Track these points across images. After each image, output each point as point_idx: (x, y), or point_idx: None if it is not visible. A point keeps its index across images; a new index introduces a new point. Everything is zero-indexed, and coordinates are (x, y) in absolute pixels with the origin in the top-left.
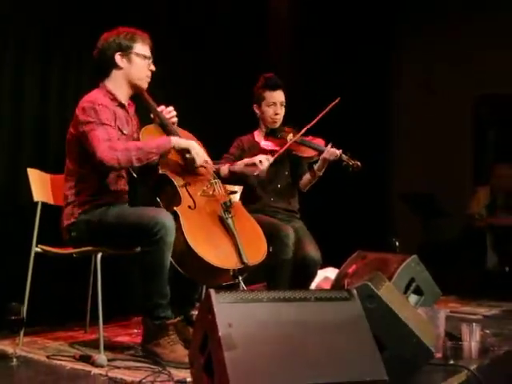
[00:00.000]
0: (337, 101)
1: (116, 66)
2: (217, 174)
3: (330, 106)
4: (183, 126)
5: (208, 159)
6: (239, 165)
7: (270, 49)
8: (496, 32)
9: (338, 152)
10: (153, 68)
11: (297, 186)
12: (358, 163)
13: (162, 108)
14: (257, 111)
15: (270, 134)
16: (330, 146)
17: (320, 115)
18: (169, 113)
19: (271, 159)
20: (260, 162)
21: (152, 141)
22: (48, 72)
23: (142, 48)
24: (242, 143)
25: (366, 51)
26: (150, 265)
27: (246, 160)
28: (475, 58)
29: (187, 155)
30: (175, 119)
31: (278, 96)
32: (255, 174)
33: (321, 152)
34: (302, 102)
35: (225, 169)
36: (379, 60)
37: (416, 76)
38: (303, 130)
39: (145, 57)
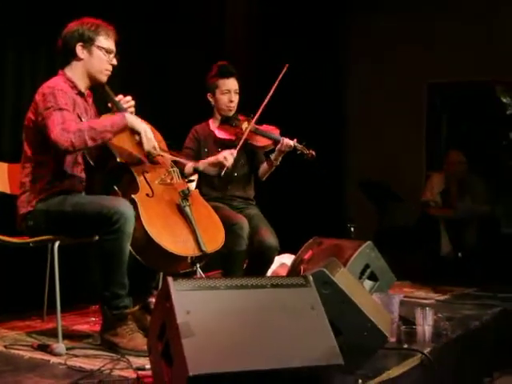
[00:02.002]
0: (285, 69)
1: (76, 57)
2: (181, 170)
3: (280, 76)
4: (140, 116)
5: (156, 146)
6: (203, 163)
7: (225, 37)
8: (449, 20)
9: (292, 143)
10: (114, 62)
11: (254, 175)
12: (313, 152)
13: (120, 97)
14: (211, 100)
15: (225, 122)
16: (283, 138)
17: (273, 86)
18: (127, 102)
19: (235, 153)
20: (225, 158)
21: (107, 118)
22: (2, 59)
23: (104, 41)
24: (197, 134)
25: (318, 39)
26: (108, 255)
27: (211, 159)
28: (428, 45)
29: (137, 138)
30: (133, 109)
31: (232, 83)
32: (222, 174)
33: (276, 141)
34: (255, 90)
35: (189, 167)
36: (331, 47)
37: (368, 63)
38: (258, 114)
39: (106, 50)
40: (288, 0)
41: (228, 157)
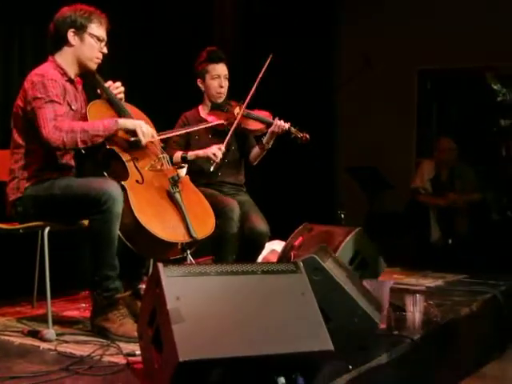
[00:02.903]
0: (270, 58)
1: (68, 43)
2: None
3: (265, 65)
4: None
5: (155, 134)
6: (192, 156)
7: (213, 23)
8: (440, 6)
9: (287, 125)
10: (105, 51)
11: (244, 160)
12: (307, 135)
13: (109, 83)
14: (201, 85)
15: (216, 108)
16: (277, 119)
17: (259, 75)
18: (116, 88)
19: (223, 148)
20: (214, 154)
21: (98, 122)
22: None
23: (96, 29)
24: (186, 120)
25: (307, 26)
26: (98, 236)
27: (200, 152)
28: (417, 31)
29: (132, 138)
30: (122, 95)
31: (222, 69)
32: (211, 169)
33: (268, 124)
34: (244, 77)
35: (177, 156)
36: (319, 33)
37: (357, 49)
38: (248, 98)
39: (98, 38)
40: None
41: (217, 153)
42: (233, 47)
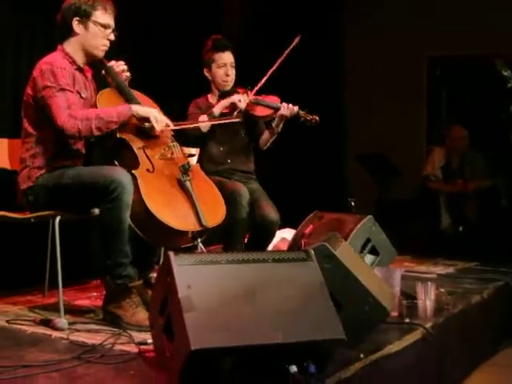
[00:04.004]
0: (297, 39)
1: (73, 31)
2: (197, 129)
3: (290, 46)
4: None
5: (169, 122)
6: (218, 108)
7: (219, 12)
8: None
9: (295, 108)
10: (112, 37)
11: (253, 146)
12: (317, 118)
13: (112, 63)
14: (207, 75)
15: (223, 96)
16: (285, 103)
17: (281, 57)
18: (119, 66)
19: (247, 98)
20: (239, 100)
21: (112, 108)
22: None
23: (101, 16)
24: (198, 104)
25: (315, 13)
26: (109, 223)
27: (225, 101)
28: (427, 17)
29: (146, 124)
30: (127, 73)
31: (228, 57)
32: (235, 113)
33: (277, 109)
34: (251, 64)
35: (204, 117)
36: (329, 22)
37: (367, 37)
38: (258, 85)
39: (103, 26)
40: None
41: (242, 98)
42: (239, 35)
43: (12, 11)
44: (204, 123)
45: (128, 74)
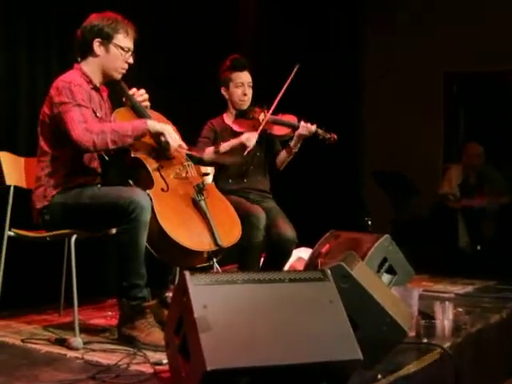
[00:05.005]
0: (296, 68)
1: (93, 52)
2: (200, 159)
3: (291, 74)
4: (155, 110)
5: (182, 143)
6: (225, 147)
7: (236, 32)
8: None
9: (313, 127)
10: (131, 61)
11: (269, 166)
12: (335, 136)
13: (133, 91)
14: (225, 94)
15: (240, 115)
16: (303, 121)
17: (285, 85)
18: (140, 95)
19: (256, 135)
20: (247, 139)
21: (128, 123)
22: (16, 53)
23: (123, 39)
24: (213, 126)
25: (331, 29)
26: (125, 245)
27: (233, 141)
28: (443, 34)
29: (162, 138)
30: (147, 103)
31: (245, 76)
32: (245, 153)
33: (294, 128)
34: (268, 84)
35: (209, 151)
36: (346, 38)
37: (384, 52)
38: (274, 104)
39: (123, 49)
40: None
41: (250, 138)
42: (256, 52)
43: (28, 31)
44: (208, 156)
45: (148, 103)
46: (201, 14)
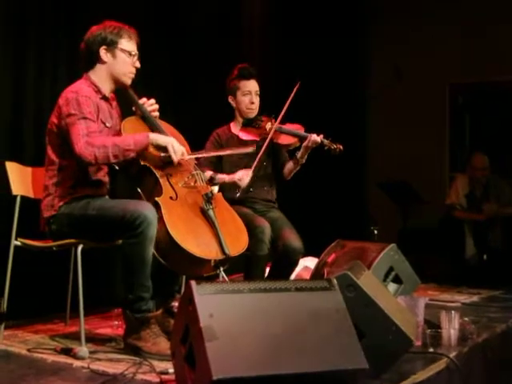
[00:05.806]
0: (298, 85)
1: (100, 60)
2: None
3: (294, 91)
4: (161, 118)
5: (185, 152)
6: (219, 180)
7: (243, 40)
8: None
9: (319, 138)
10: (138, 65)
11: (276, 176)
12: (341, 147)
13: (143, 100)
14: (232, 102)
15: (247, 124)
16: (310, 134)
17: (287, 101)
18: (150, 105)
19: (250, 173)
20: (239, 179)
21: (130, 136)
22: (23, 61)
23: (127, 44)
24: (218, 137)
25: (337, 40)
26: (131, 258)
27: (226, 178)
28: (448, 45)
29: (162, 154)
30: (157, 113)
31: (253, 85)
32: (237, 195)
33: (301, 138)
34: (274, 93)
35: (207, 175)
36: (350, 48)
37: (389, 63)
38: (282, 113)
39: (129, 53)
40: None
41: (243, 178)
42: (264, 62)
43: (34, 42)
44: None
45: (157, 113)
46: (209, 25)
